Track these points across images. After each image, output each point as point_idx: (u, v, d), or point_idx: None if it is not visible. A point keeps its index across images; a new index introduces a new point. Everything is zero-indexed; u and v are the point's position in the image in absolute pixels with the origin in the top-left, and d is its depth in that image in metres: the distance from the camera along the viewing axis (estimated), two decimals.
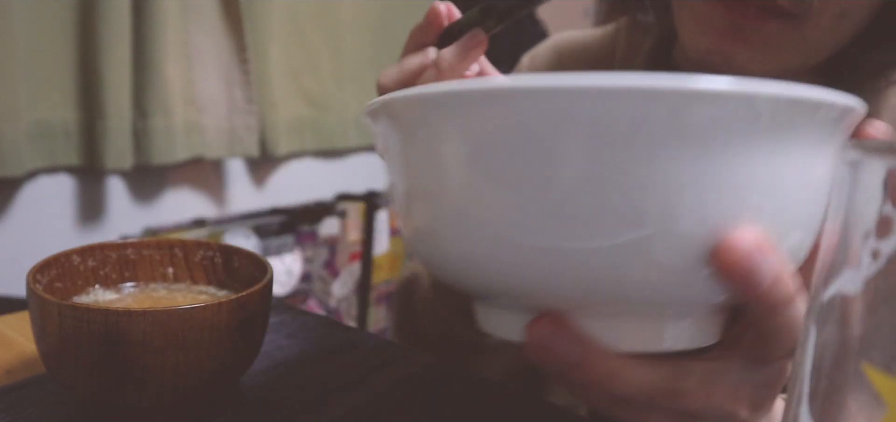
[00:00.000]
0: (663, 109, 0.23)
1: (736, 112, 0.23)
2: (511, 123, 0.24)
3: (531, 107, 0.23)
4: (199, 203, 1.64)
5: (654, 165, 0.23)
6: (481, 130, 0.25)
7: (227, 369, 0.40)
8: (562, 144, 0.23)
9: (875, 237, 0.18)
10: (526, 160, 0.24)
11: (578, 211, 0.24)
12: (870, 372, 0.18)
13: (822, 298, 0.20)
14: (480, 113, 0.24)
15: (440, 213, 0.27)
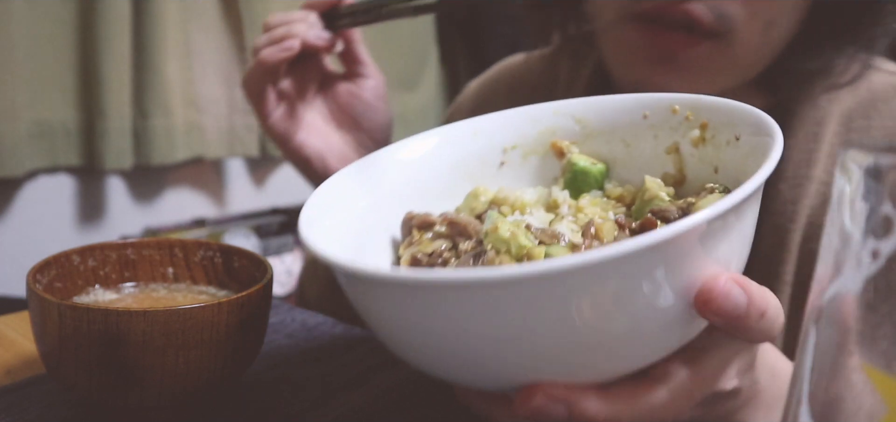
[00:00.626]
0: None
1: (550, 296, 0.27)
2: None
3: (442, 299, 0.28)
4: (199, 203, 1.64)
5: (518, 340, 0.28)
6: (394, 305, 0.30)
7: (227, 369, 0.40)
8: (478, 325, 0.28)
9: (875, 237, 0.18)
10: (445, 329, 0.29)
11: (479, 361, 0.29)
12: (870, 372, 0.18)
13: (822, 298, 0.20)
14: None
15: (401, 351, 0.32)
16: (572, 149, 0.42)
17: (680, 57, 0.48)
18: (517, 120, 0.43)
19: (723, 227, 0.29)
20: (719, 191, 0.35)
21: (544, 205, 0.41)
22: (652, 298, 0.28)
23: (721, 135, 0.37)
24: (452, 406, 0.45)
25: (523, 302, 0.27)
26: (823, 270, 0.20)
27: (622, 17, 0.49)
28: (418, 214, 0.40)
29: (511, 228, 0.35)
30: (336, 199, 0.38)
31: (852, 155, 0.19)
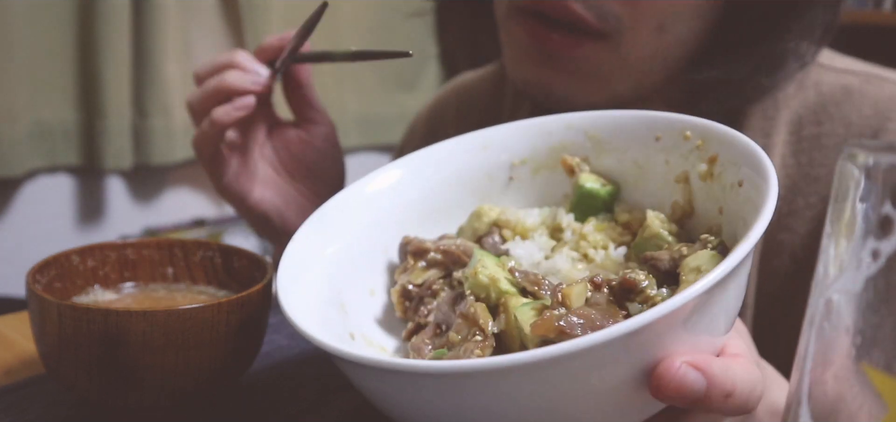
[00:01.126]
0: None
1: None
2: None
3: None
4: (199, 203, 1.64)
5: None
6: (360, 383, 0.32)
7: (227, 369, 0.40)
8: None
9: (875, 237, 0.18)
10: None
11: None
12: (870, 372, 0.18)
13: (822, 299, 0.20)
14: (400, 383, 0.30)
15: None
16: (583, 166, 0.42)
17: (564, 57, 0.46)
18: (529, 133, 0.43)
19: (700, 306, 0.28)
20: (712, 248, 0.34)
21: (548, 228, 0.41)
22: (615, 382, 0.28)
23: (727, 175, 0.36)
24: None
25: (476, 393, 0.28)
26: (824, 271, 0.20)
27: (508, 11, 0.48)
28: (414, 240, 0.40)
29: (491, 274, 0.35)
30: (307, 254, 0.38)
31: (852, 155, 0.19)
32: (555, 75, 0.46)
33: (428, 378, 0.29)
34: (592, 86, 0.47)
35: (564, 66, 0.46)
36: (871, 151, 0.18)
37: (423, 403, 0.30)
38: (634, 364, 0.28)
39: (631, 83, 0.48)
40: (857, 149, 0.19)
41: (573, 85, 0.46)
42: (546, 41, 0.45)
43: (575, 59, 0.46)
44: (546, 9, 0.45)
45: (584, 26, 0.45)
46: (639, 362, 0.28)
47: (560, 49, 0.45)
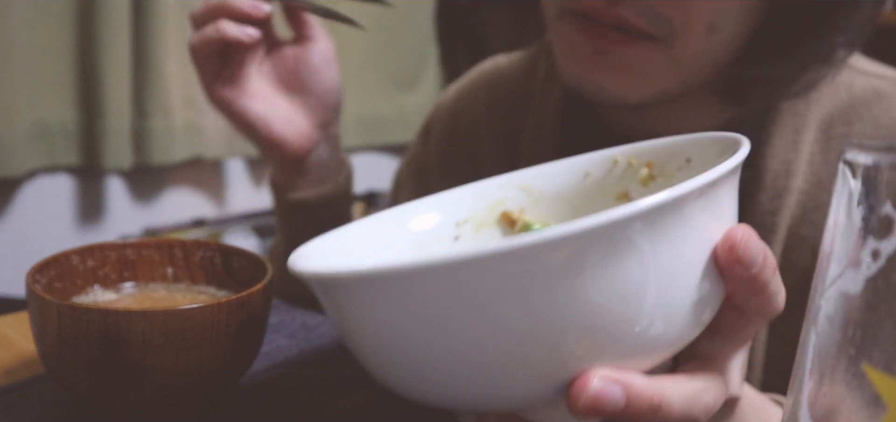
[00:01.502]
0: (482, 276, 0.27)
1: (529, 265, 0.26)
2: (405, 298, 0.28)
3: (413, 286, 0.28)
4: (199, 203, 1.64)
5: (498, 328, 0.27)
6: (365, 308, 0.30)
7: (227, 369, 0.40)
8: (452, 309, 0.28)
9: (875, 237, 0.18)
10: (428, 323, 0.28)
11: (474, 355, 0.28)
12: (870, 372, 0.18)
13: (822, 298, 0.20)
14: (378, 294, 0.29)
15: (374, 367, 0.33)
16: (524, 215, 0.43)
17: (613, 53, 0.46)
18: (466, 196, 0.43)
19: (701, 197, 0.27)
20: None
21: None
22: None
23: (670, 164, 0.37)
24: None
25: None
26: (823, 271, 0.20)
27: (560, 12, 0.49)
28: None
29: None
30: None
31: (852, 155, 0.19)
32: (607, 73, 0.47)
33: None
34: (642, 84, 0.47)
35: (616, 64, 0.46)
36: (871, 151, 0.18)
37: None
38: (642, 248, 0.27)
39: (679, 81, 0.48)
40: (858, 149, 0.19)
41: (623, 83, 0.47)
42: (599, 39, 0.46)
43: (627, 56, 0.46)
44: (598, 14, 0.45)
45: (634, 30, 0.45)
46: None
47: (613, 46, 0.46)
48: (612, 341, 0.28)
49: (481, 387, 0.29)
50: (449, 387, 0.30)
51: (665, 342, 0.29)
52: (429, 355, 0.29)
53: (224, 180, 1.69)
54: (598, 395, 0.27)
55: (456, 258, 0.26)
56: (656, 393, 0.28)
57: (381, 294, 0.29)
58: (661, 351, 0.30)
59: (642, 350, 0.29)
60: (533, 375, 0.28)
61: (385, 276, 0.28)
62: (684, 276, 0.28)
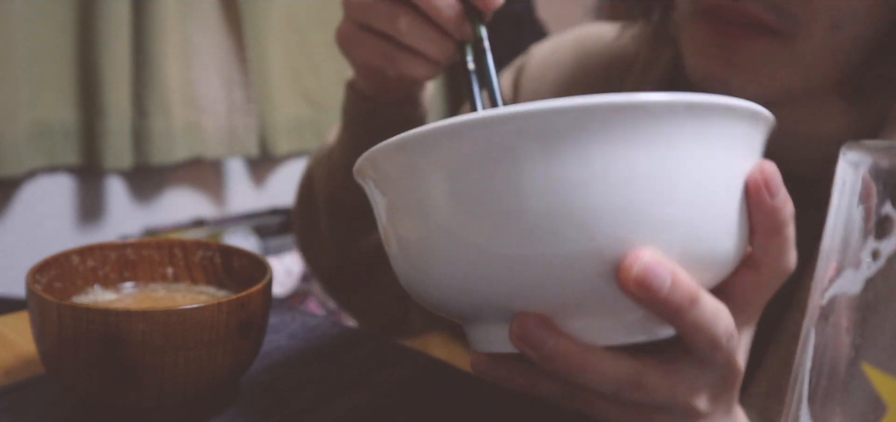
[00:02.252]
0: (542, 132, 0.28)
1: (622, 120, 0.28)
2: (465, 154, 0.29)
3: (482, 137, 0.28)
4: (199, 203, 1.64)
5: (567, 193, 0.28)
6: (447, 162, 0.30)
7: (227, 369, 0.40)
8: (508, 169, 0.28)
9: (875, 237, 0.18)
10: (484, 184, 0.29)
11: (528, 223, 0.28)
12: (870, 372, 0.18)
13: (822, 299, 0.20)
14: (449, 147, 0.29)
15: (431, 242, 0.31)
16: None
17: (738, 53, 0.47)
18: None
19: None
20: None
21: None
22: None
23: None
24: (452, 406, 0.45)
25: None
26: (823, 271, 0.20)
27: (691, 12, 0.49)
28: None
29: None
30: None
31: (852, 155, 0.19)
32: (732, 70, 0.47)
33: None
34: (766, 80, 0.48)
35: (741, 61, 0.47)
36: (871, 151, 0.18)
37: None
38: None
39: (802, 78, 0.48)
40: (857, 149, 0.19)
41: (748, 80, 0.47)
42: (725, 36, 0.47)
43: (752, 52, 0.47)
44: (725, 12, 0.46)
45: (761, 25, 0.46)
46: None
47: (738, 42, 0.47)
48: (664, 235, 0.29)
49: (531, 271, 0.29)
50: (499, 272, 0.30)
51: (703, 256, 0.30)
52: (492, 219, 0.29)
53: (224, 180, 1.69)
54: (649, 268, 0.28)
55: (544, 107, 0.27)
56: (695, 288, 0.30)
57: (460, 145, 0.29)
58: (700, 267, 0.31)
59: (686, 259, 0.30)
60: (586, 250, 0.29)
61: (467, 124, 0.28)
62: (727, 188, 0.30)
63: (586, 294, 0.30)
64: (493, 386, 0.48)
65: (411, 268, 0.33)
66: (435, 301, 0.33)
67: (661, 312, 0.30)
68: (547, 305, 0.31)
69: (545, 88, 0.68)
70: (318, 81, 1.77)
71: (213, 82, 1.56)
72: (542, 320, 0.31)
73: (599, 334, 0.31)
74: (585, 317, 0.31)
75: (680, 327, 0.31)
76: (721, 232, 0.30)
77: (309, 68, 1.75)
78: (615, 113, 0.28)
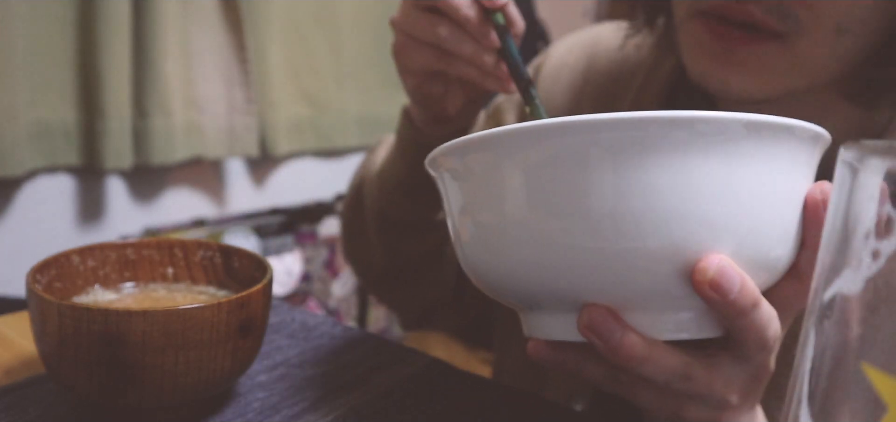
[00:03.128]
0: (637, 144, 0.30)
1: (707, 137, 0.30)
2: (551, 155, 0.31)
3: (561, 141, 0.31)
4: (199, 203, 1.64)
5: (644, 197, 0.31)
6: (533, 161, 0.32)
7: (227, 369, 0.40)
8: (590, 172, 0.31)
9: (875, 237, 0.18)
10: (566, 184, 0.31)
11: (604, 221, 0.31)
12: (870, 372, 0.18)
13: (822, 298, 0.20)
14: (529, 148, 0.32)
15: (509, 233, 0.33)
16: None
17: (738, 53, 0.47)
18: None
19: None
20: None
21: None
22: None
23: None
24: (453, 406, 0.45)
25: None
26: (823, 271, 0.20)
27: (690, 12, 0.50)
28: None
29: None
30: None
31: (852, 155, 0.19)
32: (732, 70, 0.48)
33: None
34: (766, 81, 0.48)
35: (739, 61, 0.47)
36: (871, 151, 0.18)
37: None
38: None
39: (805, 80, 0.48)
40: (857, 149, 0.19)
41: (748, 79, 0.48)
42: (726, 38, 0.47)
43: (752, 54, 0.47)
44: (727, 12, 0.46)
45: (763, 26, 0.46)
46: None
47: (738, 45, 0.47)
48: (732, 240, 0.32)
49: (604, 266, 0.32)
50: (573, 265, 0.32)
51: (762, 262, 0.33)
52: (570, 217, 0.31)
53: (224, 180, 1.69)
54: (723, 271, 0.31)
55: (622, 117, 0.30)
56: (758, 294, 0.33)
57: (534, 149, 0.32)
58: (758, 271, 0.33)
59: (747, 264, 0.32)
60: (659, 252, 0.31)
61: (543, 129, 0.31)
62: (787, 201, 0.33)
63: (653, 291, 0.32)
64: (492, 386, 0.48)
65: (487, 254, 0.35)
66: (503, 287, 0.36)
67: (726, 311, 0.33)
68: (614, 299, 0.33)
69: (558, 89, 0.68)
70: (318, 81, 1.77)
71: (213, 82, 1.56)
72: (610, 312, 0.33)
73: (655, 328, 0.34)
74: (646, 312, 0.34)
75: (737, 327, 0.34)
76: (779, 242, 0.33)
77: (309, 68, 1.75)
78: (692, 127, 0.30)
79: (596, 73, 0.67)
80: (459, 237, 0.37)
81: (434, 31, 0.50)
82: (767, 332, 0.34)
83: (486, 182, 0.34)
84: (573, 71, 0.68)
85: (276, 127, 1.67)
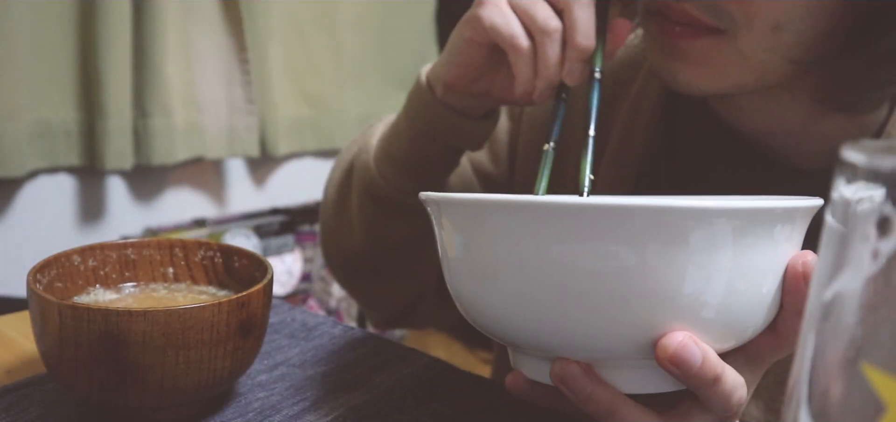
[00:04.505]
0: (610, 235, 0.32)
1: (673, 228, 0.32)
2: (534, 231, 0.34)
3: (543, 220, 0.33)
4: (199, 203, 1.64)
5: (607, 283, 0.33)
6: (518, 233, 0.34)
7: (227, 369, 0.40)
8: (573, 248, 0.33)
9: (875, 237, 0.18)
10: (548, 258, 0.33)
11: (579, 294, 0.33)
12: (870, 372, 0.18)
13: (822, 298, 0.20)
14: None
15: (494, 287, 0.36)
16: None
17: (683, 47, 0.48)
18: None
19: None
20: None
21: None
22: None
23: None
24: (452, 406, 0.45)
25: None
26: (823, 271, 0.20)
27: (644, 12, 0.51)
28: None
29: None
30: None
31: (852, 155, 0.19)
32: (678, 64, 0.49)
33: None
34: (711, 75, 0.49)
35: (686, 56, 0.49)
36: (871, 151, 0.18)
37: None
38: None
39: (753, 76, 0.49)
40: (857, 148, 0.19)
41: (693, 73, 0.49)
42: (669, 33, 0.49)
43: (695, 49, 0.48)
44: (669, 12, 0.48)
45: (699, 24, 0.47)
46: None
47: (679, 39, 0.48)
48: (699, 316, 0.33)
49: (580, 328, 0.34)
50: (548, 323, 0.35)
51: (735, 328, 0.35)
52: (546, 288, 0.34)
53: (224, 180, 1.69)
54: (683, 346, 0.33)
55: (600, 203, 0.32)
56: (720, 368, 0.34)
57: (521, 222, 0.34)
58: (728, 339, 0.35)
59: (716, 334, 0.34)
60: (630, 323, 0.33)
61: (529, 205, 0.34)
62: (764, 276, 0.34)
63: (621, 354, 0.35)
64: (492, 385, 0.48)
65: (478, 300, 0.37)
66: (491, 328, 0.38)
67: (688, 383, 0.34)
68: (584, 356, 0.35)
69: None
70: (319, 81, 1.77)
71: (213, 82, 1.56)
72: (582, 367, 0.35)
73: (628, 383, 0.36)
74: (614, 369, 0.36)
75: (701, 395, 0.35)
76: (755, 311, 0.35)
77: (309, 68, 1.75)
78: (663, 217, 0.32)
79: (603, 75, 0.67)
80: (453, 283, 0.39)
81: (546, 20, 0.48)
82: (731, 399, 0.35)
83: (481, 244, 0.36)
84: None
85: (276, 127, 1.67)
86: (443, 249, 0.40)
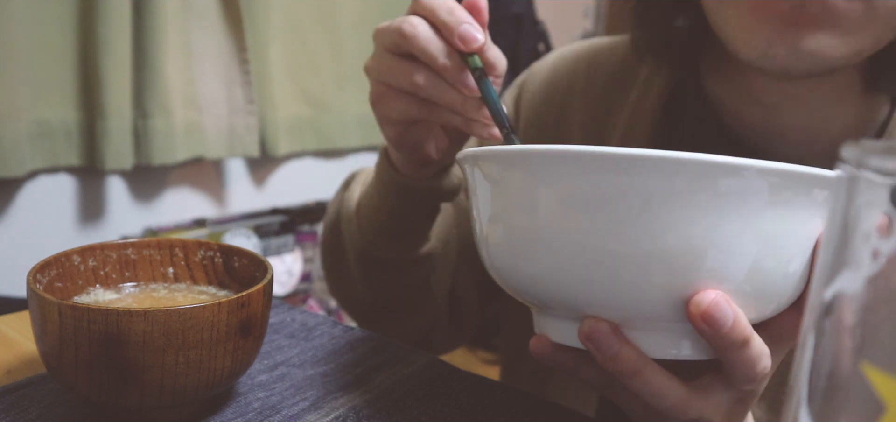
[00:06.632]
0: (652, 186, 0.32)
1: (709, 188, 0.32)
2: (579, 184, 0.33)
3: (593, 171, 0.33)
4: (199, 203, 1.65)
5: (653, 232, 0.32)
6: (564, 185, 0.34)
7: (227, 368, 0.40)
8: (613, 207, 0.33)
9: (875, 237, 0.18)
10: (591, 208, 0.33)
11: (616, 252, 0.33)
12: (870, 372, 0.18)
13: (822, 298, 0.20)
14: (561, 171, 0.34)
15: (530, 243, 0.36)
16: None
17: (815, 7, 0.44)
18: None
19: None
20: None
21: None
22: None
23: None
24: (452, 406, 0.45)
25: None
26: (823, 270, 0.20)
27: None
28: None
29: None
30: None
31: (852, 155, 0.19)
32: (804, 30, 0.45)
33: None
34: (840, 39, 0.45)
35: (817, 18, 0.44)
36: (871, 151, 0.18)
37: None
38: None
39: (873, 38, 0.46)
40: (857, 149, 0.19)
41: (823, 39, 0.45)
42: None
43: (828, 7, 0.44)
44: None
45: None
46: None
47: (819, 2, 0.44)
48: (735, 276, 0.33)
49: (611, 284, 0.34)
50: (579, 279, 0.34)
51: (766, 297, 0.35)
52: (582, 240, 0.33)
53: (224, 180, 1.69)
54: (716, 304, 0.32)
55: (651, 155, 0.31)
56: (749, 332, 0.34)
57: (560, 169, 0.34)
58: (758, 306, 0.35)
59: (741, 302, 0.34)
60: (660, 282, 0.33)
61: (569, 154, 0.33)
62: (797, 241, 0.34)
63: (652, 315, 0.34)
64: (491, 385, 0.48)
65: (512, 258, 0.37)
66: (523, 289, 0.38)
67: (716, 344, 0.34)
68: (615, 315, 0.35)
69: (553, 106, 0.67)
70: (318, 81, 1.77)
71: (213, 82, 1.56)
72: (610, 326, 0.35)
73: (654, 346, 0.36)
74: (643, 331, 0.36)
75: (727, 359, 0.35)
76: (785, 282, 0.35)
77: (309, 68, 1.75)
78: (707, 171, 0.31)
79: (594, 87, 0.66)
80: (486, 238, 0.39)
81: (411, 79, 0.47)
82: (756, 367, 0.35)
83: (519, 194, 0.36)
84: (569, 88, 0.67)
85: (276, 127, 1.67)
86: (477, 210, 0.39)
